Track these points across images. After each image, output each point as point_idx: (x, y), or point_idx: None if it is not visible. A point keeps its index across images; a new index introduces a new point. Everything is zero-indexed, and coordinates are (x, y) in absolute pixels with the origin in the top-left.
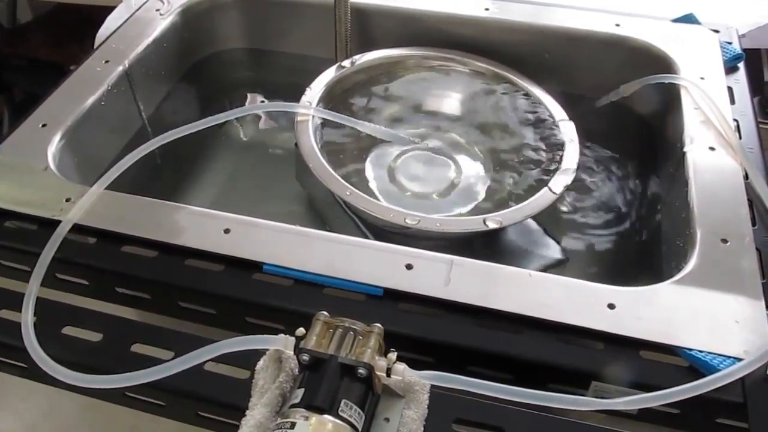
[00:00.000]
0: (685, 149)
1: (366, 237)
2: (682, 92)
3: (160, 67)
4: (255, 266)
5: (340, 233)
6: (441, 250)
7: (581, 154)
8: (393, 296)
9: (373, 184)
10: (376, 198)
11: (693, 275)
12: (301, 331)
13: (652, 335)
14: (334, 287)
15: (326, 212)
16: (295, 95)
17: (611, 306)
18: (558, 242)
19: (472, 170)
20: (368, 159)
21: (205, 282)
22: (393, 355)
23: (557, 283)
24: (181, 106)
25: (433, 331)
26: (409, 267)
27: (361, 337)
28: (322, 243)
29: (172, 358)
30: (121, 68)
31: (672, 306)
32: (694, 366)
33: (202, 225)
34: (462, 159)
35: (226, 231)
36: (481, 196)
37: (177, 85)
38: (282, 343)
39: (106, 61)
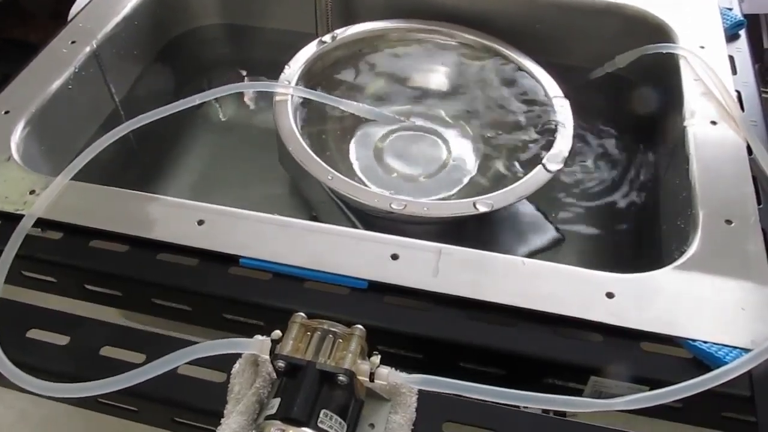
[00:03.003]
0: (685, 123)
1: (352, 222)
2: (681, 62)
3: (131, 46)
4: (231, 259)
5: (325, 217)
6: (431, 234)
7: (576, 129)
8: (378, 289)
9: (358, 166)
10: (361, 181)
11: (696, 259)
12: (277, 333)
13: (654, 326)
14: (316, 281)
15: (311, 196)
16: (277, 72)
17: (610, 295)
18: (553, 222)
19: (462, 149)
20: (353, 139)
21: (179, 277)
22: (376, 359)
23: (552, 271)
24: (157, 87)
25: (422, 326)
26: (394, 257)
27: (341, 340)
28: (302, 233)
29: (143, 362)
30: (88, 49)
31: (674, 293)
32: (698, 358)
33: (174, 216)
34: (451, 137)
35: (200, 222)
36: (472, 175)
37: (151, 65)
38: (257, 347)
39: (73, 42)
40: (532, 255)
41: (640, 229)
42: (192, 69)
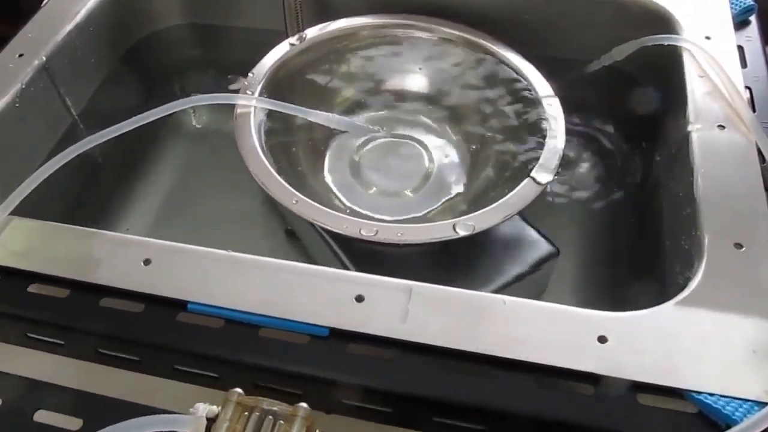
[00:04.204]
0: (689, 128)
1: (327, 243)
2: (685, 56)
3: (87, 55)
4: (179, 304)
5: (303, 233)
6: (410, 255)
7: (568, 132)
8: (341, 336)
9: (332, 181)
10: (337, 199)
11: (700, 293)
12: (212, 411)
13: (653, 375)
14: (272, 328)
15: (285, 211)
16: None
17: (602, 339)
18: (546, 235)
19: (446, 157)
20: (327, 153)
21: (122, 326)
22: None
23: (537, 311)
24: (122, 97)
25: (389, 379)
26: (359, 299)
27: (282, 421)
28: (257, 273)
29: (79, 429)
30: (37, 62)
31: (676, 335)
32: (704, 413)
33: (119, 255)
34: (433, 145)
35: (146, 262)
36: (458, 187)
37: (113, 73)
38: (193, 427)
39: (20, 55)
40: (526, 273)
41: (640, 246)
42: (160, 74)
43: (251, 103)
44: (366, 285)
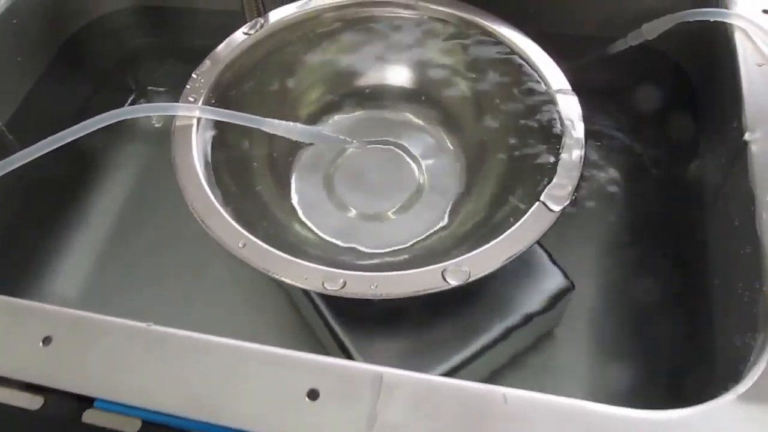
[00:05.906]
0: (746, 137)
1: None
2: (737, 37)
3: (13, 53)
4: (86, 400)
5: None
6: None
7: (587, 134)
8: None
9: (299, 204)
10: (305, 227)
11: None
12: None
13: None
14: None
15: None
16: None
17: None
18: (557, 263)
19: (440, 168)
20: (294, 167)
21: (16, 427)
22: None
23: (548, 411)
24: (62, 98)
25: None
26: (312, 395)
27: None
28: (183, 356)
29: None
30: None
31: None
32: None
33: (13, 331)
34: (423, 152)
35: (46, 341)
36: (454, 207)
37: (48, 71)
38: None
39: None
40: (533, 315)
41: (676, 287)
42: (108, 68)
43: (193, 114)
44: (321, 374)
